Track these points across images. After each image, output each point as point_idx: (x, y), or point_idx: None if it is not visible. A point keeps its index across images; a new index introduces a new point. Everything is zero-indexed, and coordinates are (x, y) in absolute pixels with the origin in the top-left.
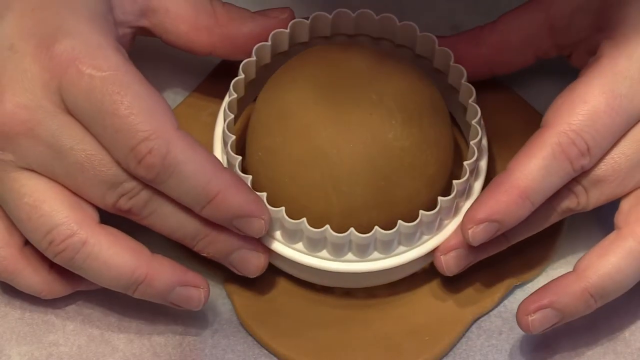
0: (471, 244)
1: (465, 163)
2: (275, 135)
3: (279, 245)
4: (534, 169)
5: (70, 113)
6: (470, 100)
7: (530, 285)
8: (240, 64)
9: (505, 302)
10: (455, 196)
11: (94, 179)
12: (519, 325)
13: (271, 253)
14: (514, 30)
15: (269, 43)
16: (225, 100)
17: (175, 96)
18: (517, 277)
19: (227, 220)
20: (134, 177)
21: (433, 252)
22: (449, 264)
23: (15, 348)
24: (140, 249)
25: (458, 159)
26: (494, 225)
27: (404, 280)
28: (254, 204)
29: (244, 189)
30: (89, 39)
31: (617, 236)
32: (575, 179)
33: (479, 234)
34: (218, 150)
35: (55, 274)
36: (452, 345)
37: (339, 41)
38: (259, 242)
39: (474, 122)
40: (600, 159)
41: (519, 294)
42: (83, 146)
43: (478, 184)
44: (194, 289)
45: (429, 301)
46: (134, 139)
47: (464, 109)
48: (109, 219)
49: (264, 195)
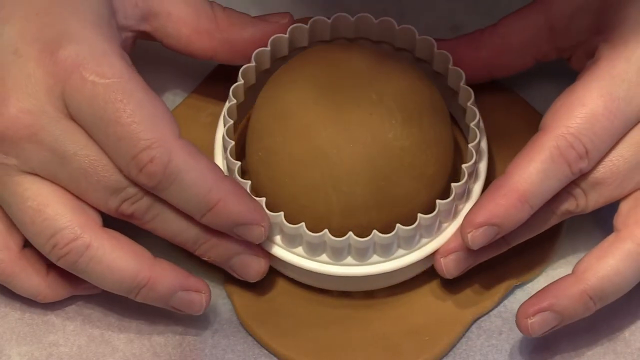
0: (471, 248)
1: (463, 166)
2: (275, 135)
3: (279, 250)
4: (532, 172)
5: (73, 119)
6: (469, 103)
7: (530, 285)
8: (240, 70)
9: (505, 302)
10: (454, 199)
11: (97, 184)
12: (518, 328)
13: (271, 257)
14: (513, 33)
15: (268, 48)
16: (225, 106)
17: (175, 97)
18: (517, 278)
19: (228, 227)
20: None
21: (432, 256)
22: (448, 266)
23: (15, 348)
24: (143, 253)
25: (459, 160)
26: (493, 229)
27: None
28: (254, 211)
29: (244, 197)
30: (94, 45)
31: (616, 238)
32: (574, 182)
33: (478, 237)
34: (218, 155)
35: (52, 278)
36: (452, 346)
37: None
38: (259, 247)
39: (472, 125)
40: (599, 162)
41: (519, 294)
42: (86, 152)
43: (477, 187)
44: (195, 293)
45: (429, 301)
46: (136, 147)
47: (464, 111)
48: (111, 222)
49: (263, 200)
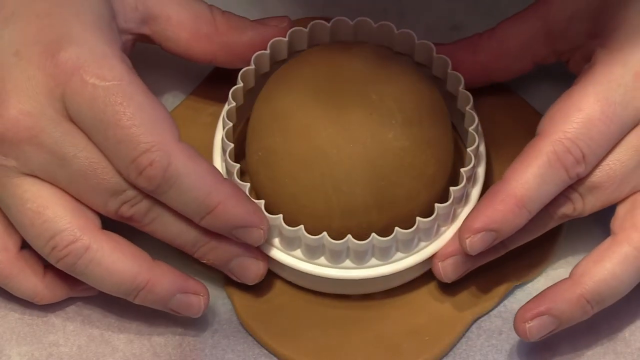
0: (469, 253)
1: (462, 170)
2: (275, 135)
3: (277, 252)
4: (530, 177)
5: (73, 121)
6: (468, 108)
7: (530, 285)
8: (239, 73)
9: (505, 302)
10: (452, 203)
11: (97, 187)
12: (516, 332)
13: (270, 260)
14: (511, 37)
15: (267, 52)
16: (224, 108)
17: (174, 99)
18: (518, 278)
19: (227, 230)
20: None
21: (431, 259)
22: (446, 270)
23: (15, 348)
24: (142, 256)
25: (459, 163)
26: (491, 235)
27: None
28: (253, 214)
29: (243, 200)
30: (94, 48)
31: (613, 242)
32: (571, 186)
33: (476, 243)
34: (217, 158)
35: (49, 279)
36: (452, 345)
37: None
38: (258, 250)
39: (471, 129)
40: (596, 166)
41: (519, 294)
42: (86, 154)
43: (475, 191)
44: (194, 296)
45: (429, 301)
46: (136, 151)
47: (463, 115)
48: (110, 224)
49: (262, 203)
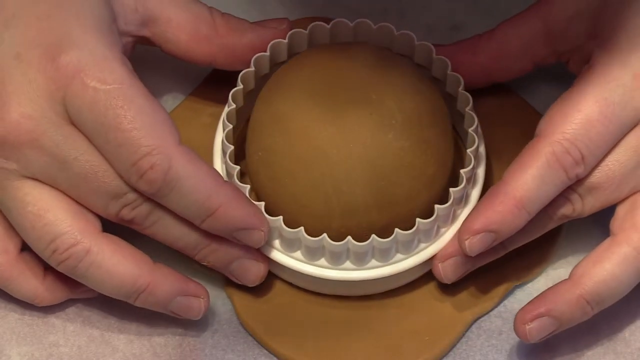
0: (468, 255)
1: (462, 171)
2: (275, 135)
3: (277, 254)
4: (529, 178)
5: (74, 124)
6: (468, 109)
7: (530, 285)
8: (239, 75)
9: (505, 302)
10: (452, 204)
11: (98, 190)
12: (516, 334)
13: (270, 261)
14: (511, 38)
15: (267, 53)
16: (225, 110)
17: (174, 101)
18: (518, 278)
19: (228, 232)
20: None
21: (431, 260)
22: (446, 271)
23: (16, 348)
24: (143, 258)
25: (459, 164)
26: (490, 236)
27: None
28: (253, 216)
29: (243, 202)
30: (95, 51)
31: (612, 242)
32: (571, 187)
33: (475, 244)
34: (217, 160)
35: (50, 281)
36: (452, 345)
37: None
38: (259, 252)
39: (470, 130)
40: (595, 167)
41: (519, 294)
42: (87, 157)
43: (475, 192)
44: (194, 298)
45: (429, 301)
46: (136, 154)
47: (462, 116)
48: (110, 227)
49: (262, 204)
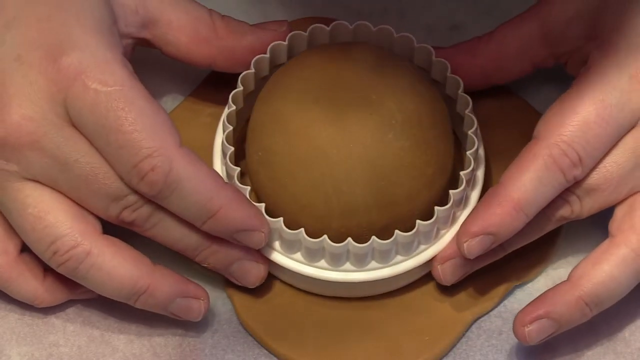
0: (467, 257)
1: (461, 173)
2: (275, 135)
3: (277, 256)
4: (526, 181)
5: (75, 126)
6: (467, 111)
7: (530, 285)
8: (239, 76)
9: (506, 302)
10: (452, 206)
11: (98, 192)
12: (516, 336)
13: (270, 263)
14: (510, 40)
15: (267, 55)
16: (225, 112)
17: (174, 101)
18: (518, 278)
19: (228, 233)
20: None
21: (430, 262)
22: (445, 273)
23: (16, 348)
24: (143, 260)
25: (459, 166)
26: (489, 238)
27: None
28: (254, 217)
29: (244, 204)
30: (96, 53)
31: (611, 244)
32: (569, 189)
33: (474, 247)
34: (217, 161)
35: (49, 282)
36: (452, 345)
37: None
38: (259, 253)
39: (470, 132)
40: (593, 169)
41: (519, 294)
42: (88, 159)
43: (475, 194)
44: (194, 300)
45: (429, 301)
46: (137, 156)
47: (462, 118)
48: (110, 228)
49: (262, 206)
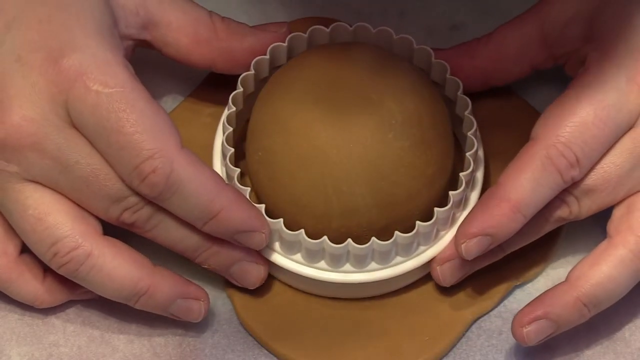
0: (465, 258)
1: (461, 174)
2: (275, 135)
3: (277, 257)
4: (524, 182)
5: (76, 128)
6: (466, 112)
7: (530, 285)
8: (239, 77)
9: (505, 302)
10: (451, 207)
11: (99, 193)
12: (514, 337)
13: (270, 264)
14: (509, 42)
15: (267, 57)
16: (224, 113)
17: (174, 102)
18: (517, 278)
19: (229, 235)
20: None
21: (430, 263)
22: (444, 274)
23: (15, 348)
24: (143, 261)
25: (458, 167)
26: (487, 239)
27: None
28: (255, 218)
29: (245, 205)
30: (97, 54)
31: (609, 245)
32: (567, 189)
33: (472, 248)
34: (217, 162)
35: (49, 283)
36: (452, 345)
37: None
38: (259, 254)
39: (469, 134)
40: (591, 169)
41: (519, 294)
42: (89, 160)
43: (474, 195)
44: (194, 301)
45: (429, 301)
46: (138, 158)
47: (461, 120)
48: (111, 229)
49: (263, 207)
